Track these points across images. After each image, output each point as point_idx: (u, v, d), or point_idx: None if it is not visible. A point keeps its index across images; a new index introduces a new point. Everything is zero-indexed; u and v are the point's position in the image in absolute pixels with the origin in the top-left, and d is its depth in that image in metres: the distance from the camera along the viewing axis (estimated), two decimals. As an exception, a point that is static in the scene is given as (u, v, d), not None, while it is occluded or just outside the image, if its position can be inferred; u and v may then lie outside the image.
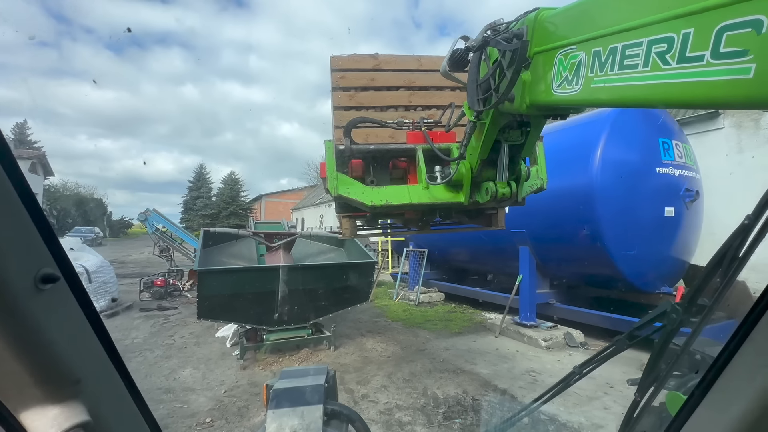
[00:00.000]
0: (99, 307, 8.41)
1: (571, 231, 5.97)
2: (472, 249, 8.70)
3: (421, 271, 9.99)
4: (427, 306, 9.47)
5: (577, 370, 1.19)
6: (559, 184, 6.06)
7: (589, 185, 5.54)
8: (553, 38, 1.40)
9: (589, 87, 1.20)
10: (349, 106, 3.19)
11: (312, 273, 5.73)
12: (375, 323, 7.81)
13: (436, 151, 2.70)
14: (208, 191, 49.18)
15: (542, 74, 1.46)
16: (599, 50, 1.13)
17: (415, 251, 10.33)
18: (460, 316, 8.15)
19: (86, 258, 8.77)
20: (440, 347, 6.12)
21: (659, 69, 0.93)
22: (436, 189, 2.72)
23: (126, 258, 23.65)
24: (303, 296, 5.63)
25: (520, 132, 2.07)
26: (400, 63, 3.38)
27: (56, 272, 0.54)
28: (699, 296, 0.93)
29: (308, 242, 7.26)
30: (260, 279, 5.26)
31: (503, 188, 2.36)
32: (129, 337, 7.01)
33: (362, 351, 5.97)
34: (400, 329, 7.28)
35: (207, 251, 6.18)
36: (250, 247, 7.07)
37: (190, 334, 7.07)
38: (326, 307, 5.89)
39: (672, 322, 0.97)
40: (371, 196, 2.72)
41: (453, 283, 9.83)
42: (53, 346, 0.54)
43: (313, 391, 1.21)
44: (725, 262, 0.85)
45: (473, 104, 1.96)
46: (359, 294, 6.03)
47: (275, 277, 5.37)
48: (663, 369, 0.98)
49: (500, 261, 8.27)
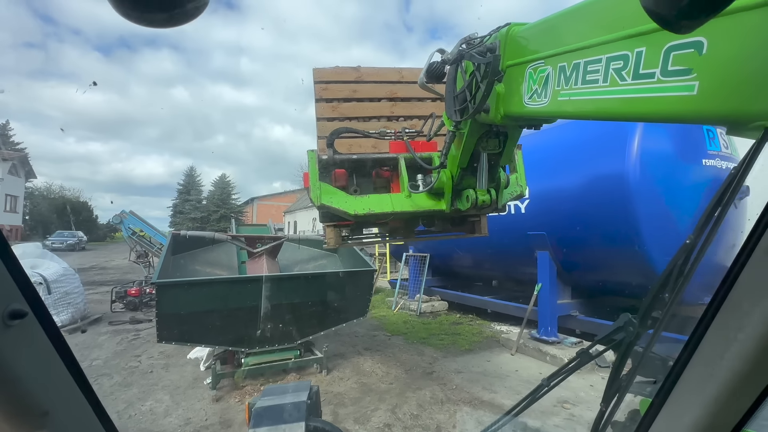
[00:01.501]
0: (60, 321, 7.40)
1: (600, 233, 5.17)
2: (479, 253, 7.86)
3: (422, 278, 9.13)
4: (430, 316, 8.60)
5: (546, 383, 1.21)
6: (584, 181, 5.27)
7: (625, 180, 4.73)
8: (523, 52, 1.47)
9: (557, 100, 1.27)
10: (332, 117, 3.25)
11: (301, 284, 4.85)
12: (373, 338, 6.93)
13: (418, 160, 2.76)
14: (199, 194, 48.07)
15: (515, 87, 1.52)
16: (564, 65, 1.21)
17: (416, 256, 9.47)
18: (468, 329, 7.29)
19: (46, 266, 7.75)
20: (450, 369, 5.26)
21: (617, 84, 1.00)
22: (418, 197, 2.77)
23: (108, 263, 22.46)
24: (289, 312, 4.75)
25: (497, 141, 2.13)
26: (381, 75, 3.46)
27: (24, 308, 0.56)
28: (652, 310, 1.00)
29: (297, 247, 6.37)
30: (236, 292, 4.36)
31: (483, 196, 2.39)
32: (88, 358, 6.03)
33: (359, 375, 5.08)
34: (401, 346, 6.40)
35: (176, 259, 5.26)
36: (230, 254, 6.16)
37: (160, 354, 6.11)
38: (317, 325, 5.00)
39: (630, 335, 1.04)
40: (354, 205, 2.73)
41: (458, 291, 8.97)
42: (21, 380, 0.56)
43: (294, 409, 1.21)
44: (672, 278, 0.93)
45: (451, 115, 2.00)
46: (356, 308, 5.15)
47: (256, 289, 4.47)
48: (624, 378, 1.03)
49: (510, 266, 7.46)
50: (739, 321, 0.70)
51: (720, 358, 0.72)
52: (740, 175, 0.83)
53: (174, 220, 46.28)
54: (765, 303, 0.66)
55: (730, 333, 0.71)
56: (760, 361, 0.68)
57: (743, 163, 0.80)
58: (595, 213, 5.10)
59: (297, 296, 4.77)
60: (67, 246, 30.04)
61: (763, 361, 0.68)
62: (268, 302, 4.53)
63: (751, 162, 0.79)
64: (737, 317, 0.70)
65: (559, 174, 5.61)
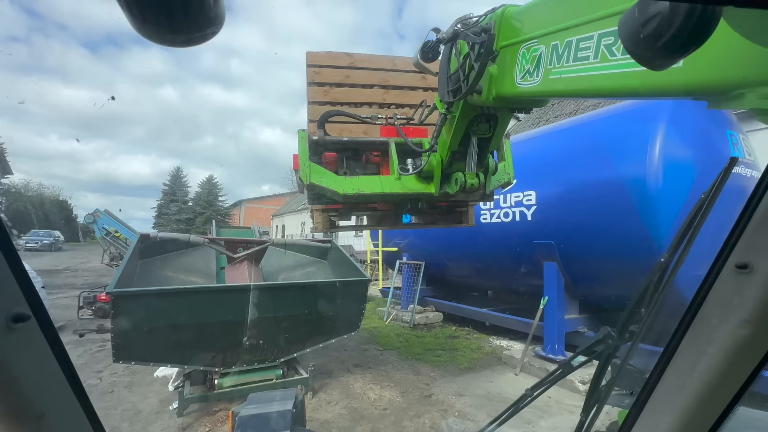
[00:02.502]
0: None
1: (615, 244, 4.75)
2: (478, 262, 7.39)
3: (416, 287, 8.62)
4: (424, 329, 8.09)
5: (529, 393, 1.22)
6: (599, 187, 4.85)
7: (645, 189, 4.33)
8: (517, 33, 1.52)
9: (548, 78, 1.33)
10: (324, 101, 3.22)
11: (286, 294, 4.29)
12: (364, 353, 6.38)
13: (409, 143, 2.76)
14: (184, 195, 46.85)
15: (507, 68, 1.58)
16: (557, 44, 1.26)
17: (410, 264, 8.97)
18: (466, 344, 6.79)
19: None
20: (450, 391, 4.74)
21: (607, 60, 1.06)
22: (407, 179, 2.75)
23: (83, 265, 21.35)
24: (272, 326, 4.19)
25: (488, 126, 2.19)
26: (374, 62, 3.43)
27: (27, 311, 0.57)
28: (630, 323, 1.05)
29: (283, 253, 5.80)
30: (210, 303, 3.79)
31: (472, 179, 2.42)
32: (42, 373, 5.33)
33: (349, 398, 4.53)
34: (395, 362, 5.86)
35: (144, 263, 4.65)
36: (208, 259, 5.55)
37: (125, 370, 5.44)
38: (303, 340, 4.44)
39: (608, 347, 1.09)
40: (344, 185, 2.70)
41: (454, 302, 8.48)
42: (19, 382, 0.57)
43: (279, 417, 1.20)
44: (647, 294, 1.01)
45: (444, 96, 2.04)
46: (347, 322, 4.61)
47: (233, 300, 3.91)
48: (603, 389, 1.06)
49: (512, 277, 6.99)
50: (708, 335, 0.73)
51: (691, 370, 0.76)
52: (710, 198, 0.91)
53: (158, 222, 44.98)
54: (732, 318, 0.69)
55: (700, 347, 0.75)
56: (726, 374, 0.72)
57: (713, 187, 0.91)
58: (611, 222, 4.69)
59: (281, 308, 4.21)
60: (43, 246, 28.70)
61: (729, 373, 0.72)
62: (249, 315, 3.97)
63: (721, 186, 0.90)
64: (707, 332, 0.74)
65: (571, 179, 5.20)
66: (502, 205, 6.11)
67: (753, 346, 0.69)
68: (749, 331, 0.67)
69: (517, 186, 5.93)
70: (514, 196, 5.89)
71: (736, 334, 0.69)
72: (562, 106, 12.69)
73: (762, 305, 0.66)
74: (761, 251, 0.66)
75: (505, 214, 6.07)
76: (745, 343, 0.68)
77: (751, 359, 0.70)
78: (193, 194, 47.09)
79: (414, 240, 9.04)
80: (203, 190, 46.36)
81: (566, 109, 12.27)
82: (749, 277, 0.67)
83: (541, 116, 13.66)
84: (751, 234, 0.68)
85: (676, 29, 0.56)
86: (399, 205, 3.13)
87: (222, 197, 47.16)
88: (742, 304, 0.68)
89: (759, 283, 0.66)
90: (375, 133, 3.15)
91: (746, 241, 0.68)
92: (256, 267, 5.13)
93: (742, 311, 0.68)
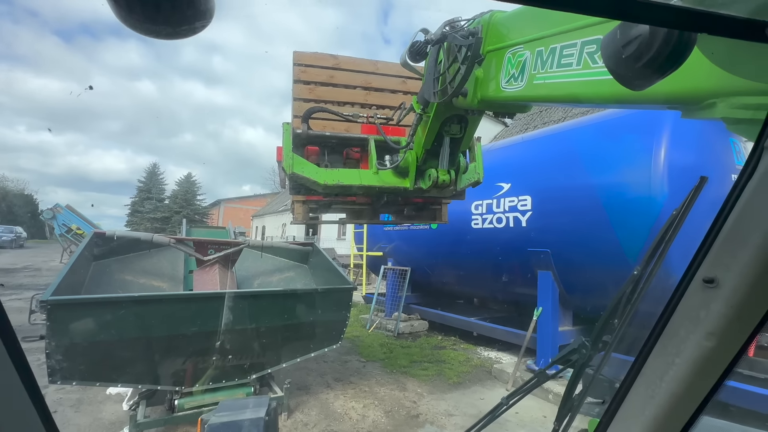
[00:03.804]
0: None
1: (614, 254, 4.50)
2: (467, 269, 7.08)
3: (401, 293, 8.23)
4: (409, 338, 7.71)
5: (504, 401, 1.24)
6: (600, 194, 4.61)
7: (650, 200, 4.10)
8: (503, 38, 1.58)
9: (532, 83, 1.38)
10: (308, 98, 3.32)
11: (260, 303, 3.83)
12: (345, 364, 5.94)
13: (388, 140, 2.92)
14: (161, 193, 45.13)
15: (493, 72, 1.63)
16: (542, 50, 1.31)
17: (395, 269, 8.58)
18: (453, 356, 6.44)
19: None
20: (440, 411, 4.37)
21: (589, 67, 1.10)
22: (384, 174, 2.89)
23: (46, 264, 19.96)
24: (243, 338, 3.72)
25: (459, 127, 2.37)
26: (358, 65, 3.58)
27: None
28: (603, 334, 1.08)
29: (259, 255, 5.32)
30: (168, 314, 3.29)
31: (444, 175, 2.59)
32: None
33: (329, 419, 4.09)
34: (379, 375, 5.45)
35: (98, 265, 4.09)
36: (175, 261, 5.01)
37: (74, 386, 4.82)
38: (279, 355, 3.98)
39: (582, 357, 1.10)
40: (324, 176, 2.80)
41: (439, 310, 8.13)
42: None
43: (251, 426, 1.17)
44: (620, 305, 1.05)
45: (429, 96, 2.10)
46: (328, 334, 4.17)
47: (198, 309, 3.42)
48: (576, 398, 1.08)
49: (502, 285, 6.71)
50: (677, 347, 0.76)
51: (660, 380, 0.78)
52: (681, 215, 0.99)
53: (131, 220, 43.17)
54: (698, 331, 0.72)
55: (669, 358, 0.77)
56: (692, 384, 0.74)
57: (683, 205, 0.99)
58: (611, 231, 4.44)
59: (255, 319, 3.75)
60: (2, 242, 26.87)
61: (695, 383, 0.74)
62: (217, 326, 3.49)
63: (691, 203, 0.98)
64: (675, 343, 0.76)
65: (569, 185, 4.95)
66: (495, 210, 5.82)
67: (717, 358, 0.71)
68: (714, 344, 0.70)
69: (511, 190, 5.65)
70: (509, 201, 5.61)
71: (702, 346, 0.71)
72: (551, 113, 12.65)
73: (726, 319, 0.68)
74: (727, 266, 0.68)
75: (498, 219, 5.78)
76: (711, 355, 0.71)
77: (716, 370, 0.73)
78: (170, 192, 45.50)
79: (400, 245, 8.67)
80: (181, 189, 44.79)
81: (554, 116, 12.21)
82: (715, 292, 0.69)
83: (528, 122, 13.60)
84: (717, 249, 0.70)
85: (655, 51, 0.60)
86: (376, 199, 3.28)
87: (200, 196, 45.77)
88: (708, 317, 0.70)
89: (724, 298, 0.68)
90: (356, 132, 3.30)
91: (713, 256, 0.70)
92: (229, 271, 4.64)
93: (708, 324, 0.70)
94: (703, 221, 1.18)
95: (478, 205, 6.12)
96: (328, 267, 4.87)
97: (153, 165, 47.21)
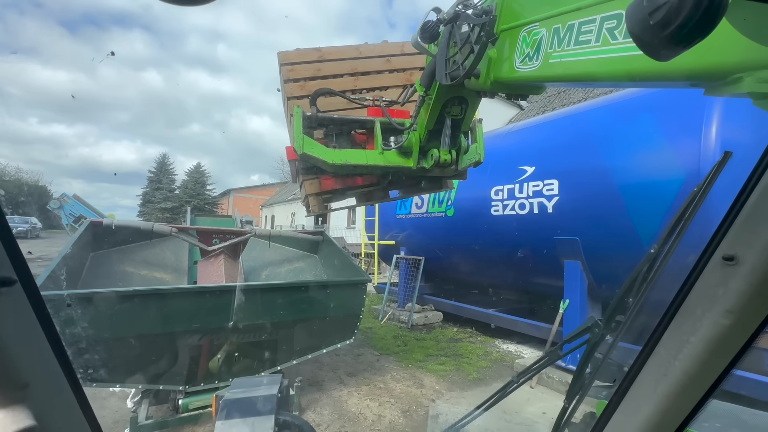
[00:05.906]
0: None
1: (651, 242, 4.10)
2: (485, 257, 6.72)
3: (415, 284, 7.94)
4: (423, 330, 7.44)
5: (516, 379, 1.25)
6: (639, 177, 4.19)
7: (699, 180, 3.68)
8: (518, 16, 1.53)
9: (548, 62, 1.34)
10: (301, 95, 3.37)
11: (268, 296, 3.56)
12: (358, 358, 5.69)
13: (392, 122, 3.07)
14: (171, 183, 45.42)
15: (507, 52, 1.60)
16: (559, 27, 1.27)
17: (408, 259, 8.27)
18: (471, 349, 6.15)
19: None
20: (460, 410, 4.08)
21: (608, 44, 1.06)
22: (389, 154, 3.02)
23: (59, 254, 20.22)
24: (251, 334, 3.46)
25: (460, 108, 2.43)
26: (341, 53, 3.64)
27: (12, 275, 0.55)
28: (617, 314, 1.08)
29: (267, 245, 5.04)
30: (169, 309, 3.03)
31: (445, 155, 2.71)
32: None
33: (343, 419, 3.83)
34: (394, 371, 5.19)
35: (96, 257, 3.85)
36: (179, 251, 4.76)
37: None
38: (289, 352, 3.72)
39: (595, 336, 1.10)
40: (333, 155, 2.93)
41: (455, 301, 7.83)
42: (4, 349, 0.54)
43: (265, 402, 1.19)
44: (636, 285, 1.04)
45: (441, 78, 2.04)
46: (341, 329, 3.90)
47: (200, 303, 3.16)
48: (587, 377, 1.09)
49: (524, 275, 6.35)
50: (692, 325, 0.75)
51: (674, 359, 0.78)
52: (702, 191, 0.95)
53: (143, 210, 43.61)
54: (716, 309, 0.71)
55: (683, 336, 0.76)
56: (706, 362, 0.74)
57: (706, 181, 0.94)
58: (652, 218, 4.03)
59: (264, 313, 3.48)
60: (18, 233, 27.28)
61: (709, 362, 0.73)
62: (222, 322, 3.23)
63: (713, 180, 0.93)
64: (691, 321, 0.76)
65: (601, 167, 4.52)
66: (517, 196, 5.42)
67: (733, 336, 0.71)
68: (731, 321, 0.69)
69: (535, 174, 5.24)
70: (533, 185, 5.20)
71: (718, 324, 0.71)
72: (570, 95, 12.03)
73: (745, 296, 0.67)
74: (748, 244, 0.68)
75: (521, 205, 5.38)
76: (727, 333, 0.70)
77: (731, 349, 0.72)
78: (180, 182, 45.76)
79: (413, 233, 8.33)
80: (190, 179, 45.02)
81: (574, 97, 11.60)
82: (735, 269, 0.69)
83: (546, 104, 12.99)
84: (739, 227, 0.70)
85: (684, 18, 0.57)
86: (382, 177, 3.40)
87: (210, 186, 45.94)
88: (726, 295, 0.69)
89: (744, 275, 0.68)
90: (362, 114, 3.38)
91: (734, 233, 0.70)
92: (235, 262, 4.38)
93: (726, 302, 0.70)
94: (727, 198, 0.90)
95: (499, 190, 5.73)
96: (340, 256, 4.57)
97: (163, 155, 47.39)
